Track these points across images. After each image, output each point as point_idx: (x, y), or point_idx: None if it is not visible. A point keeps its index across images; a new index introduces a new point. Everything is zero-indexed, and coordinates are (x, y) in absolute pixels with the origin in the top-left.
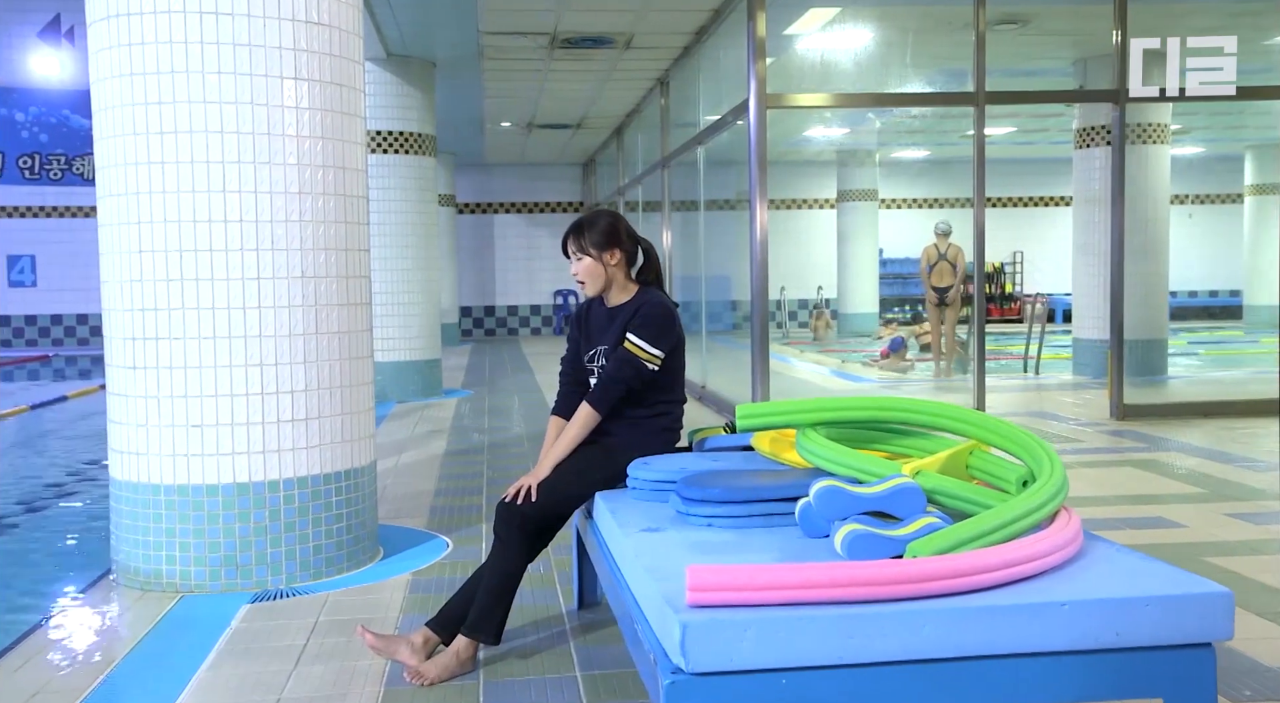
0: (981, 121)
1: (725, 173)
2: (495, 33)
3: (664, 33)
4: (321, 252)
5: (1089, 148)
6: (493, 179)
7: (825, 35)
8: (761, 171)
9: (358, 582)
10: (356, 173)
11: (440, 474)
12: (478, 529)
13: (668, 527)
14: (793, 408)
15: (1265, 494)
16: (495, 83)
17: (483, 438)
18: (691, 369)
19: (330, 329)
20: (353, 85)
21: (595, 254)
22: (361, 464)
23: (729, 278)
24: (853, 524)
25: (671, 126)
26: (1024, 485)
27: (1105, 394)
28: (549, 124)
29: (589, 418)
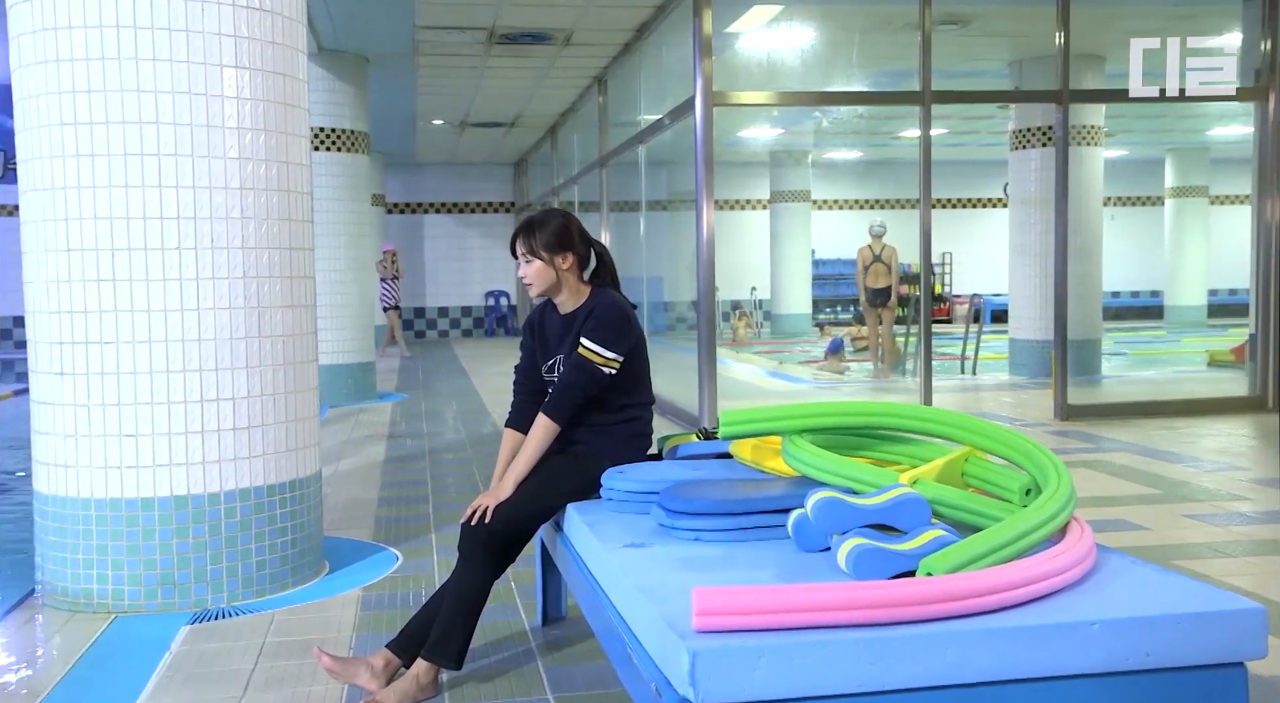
0: (928, 121)
1: (665, 173)
2: (431, 27)
3: (605, 29)
4: (264, 250)
5: (1025, 149)
6: (423, 178)
7: (766, 34)
8: (708, 171)
9: (304, 599)
10: (300, 167)
11: (382, 482)
12: (427, 540)
13: (652, 541)
14: (779, 414)
15: (1218, 494)
16: (429, 79)
17: (423, 443)
18: None
19: (273, 332)
20: (295, 75)
21: (546, 257)
22: (306, 474)
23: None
24: (857, 538)
25: (610, 126)
26: (1027, 494)
27: (1046, 394)
28: (483, 122)
29: (547, 429)
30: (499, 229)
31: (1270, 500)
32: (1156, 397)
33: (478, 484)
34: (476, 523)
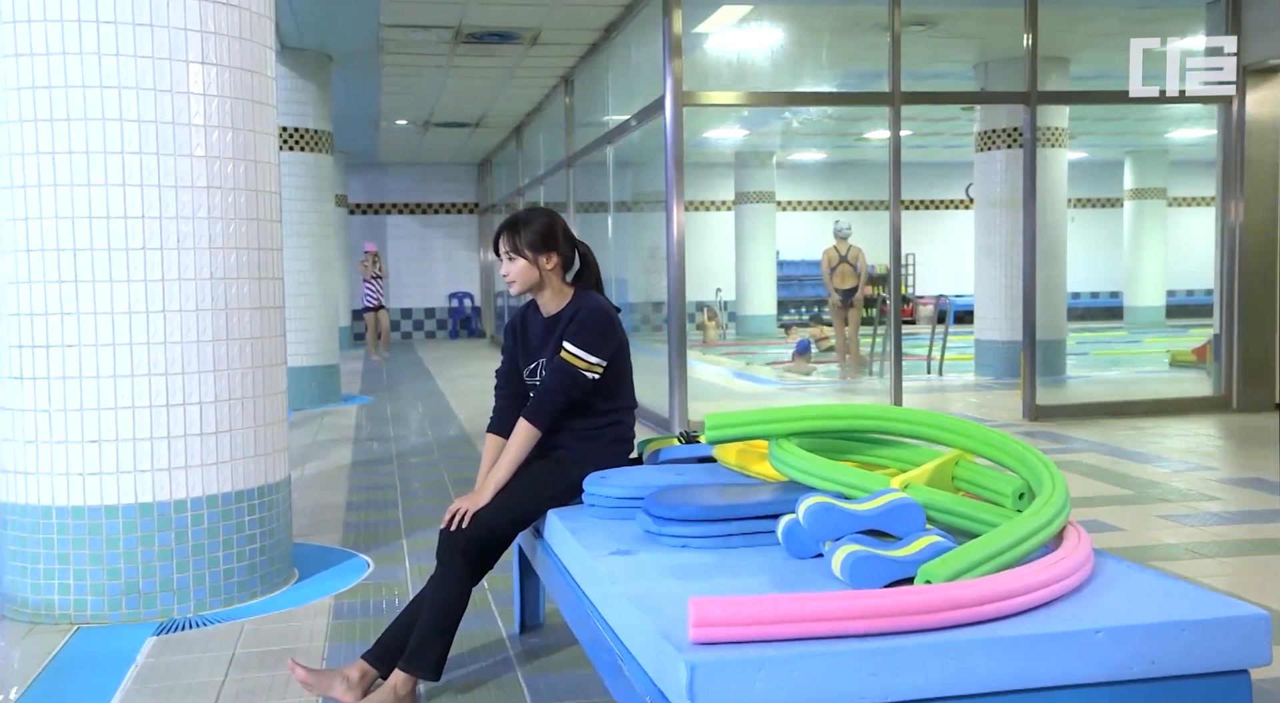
0: (897, 122)
1: (631, 173)
2: (396, 25)
3: (573, 28)
4: (232, 251)
5: (990, 151)
6: (386, 179)
7: (733, 34)
8: (678, 171)
9: (274, 608)
10: (269, 166)
11: (350, 486)
12: (398, 546)
13: (638, 548)
14: (766, 417)
15: (1189, 494)
16: (393, 78)
17: (390, 447)
18: None
19: (242, 335)
20: (263, 72)
21: (530, 256)
22: (276, 480)
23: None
24: (852, 545)
25: (576, 126)
26: (1020, 498)
27: (1013, 395)
28: (447, 122)
29: (528, 435)
30: (463, 230)
31: (1241, 500)
32: (1123, 397)
33: (447, 488)
34: (455, 529)
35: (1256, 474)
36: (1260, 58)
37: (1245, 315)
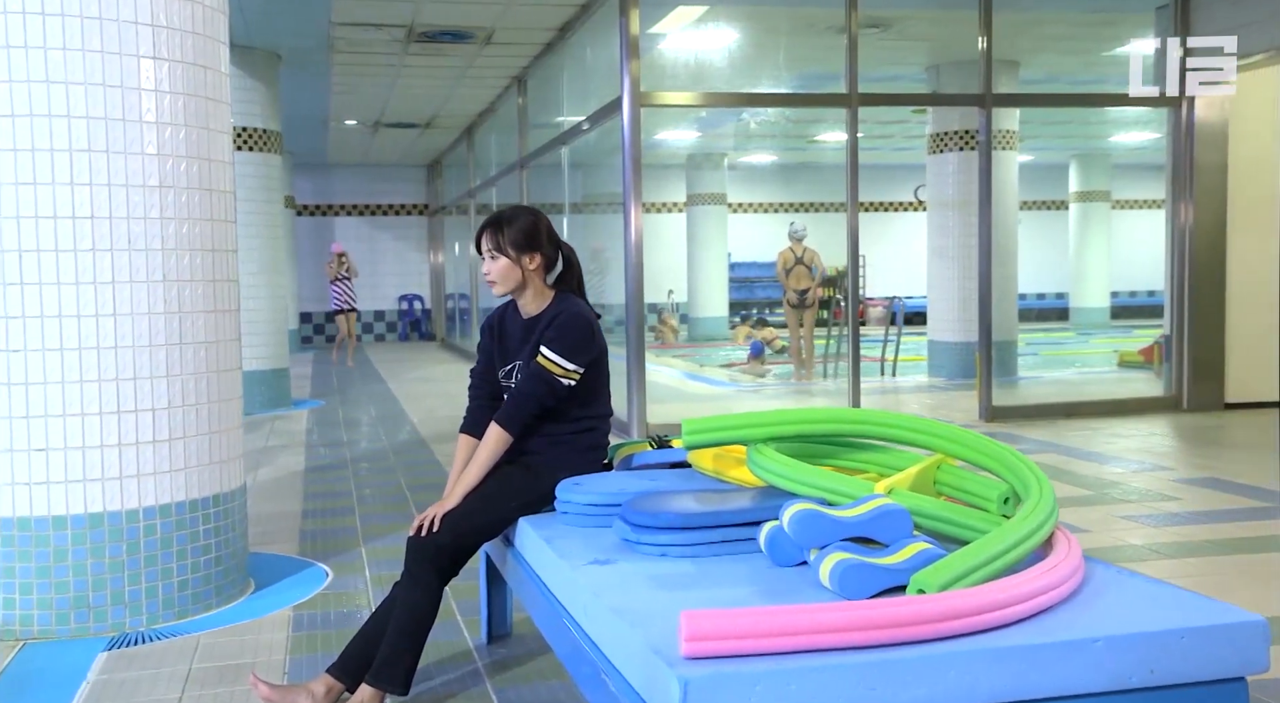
0: (854, 123)
1: (584, 174)
2: (348, 23)
3: (527, 28)
4: (185, 252)
5: (942, 153)
6: (333, 180)
7: (688, 35)
8: (635, 172)
9: (231, 620)
10: (223, 165)
11: (305, 493)
12: (356, 554)
13: (617, 557)
14: (744, 422)
15: (1149, 495)
16: (343, 78)
17: (343, 452)
18: None
19: (196, 339)
20: (217, 68)
21: (513, 255)
22: (231, 488)
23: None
24: (840, 553)
25: (530, 127)
26: (1005, 503)
27: (968, 396)
28: (397, 123)
29: (500, 440)
30: (412, 232)
31: (1199, 500)
32: (1077, 398)
33: (404, 494)
34: (426, 535)
35: (1212, 474)
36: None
37: (1195, 316)
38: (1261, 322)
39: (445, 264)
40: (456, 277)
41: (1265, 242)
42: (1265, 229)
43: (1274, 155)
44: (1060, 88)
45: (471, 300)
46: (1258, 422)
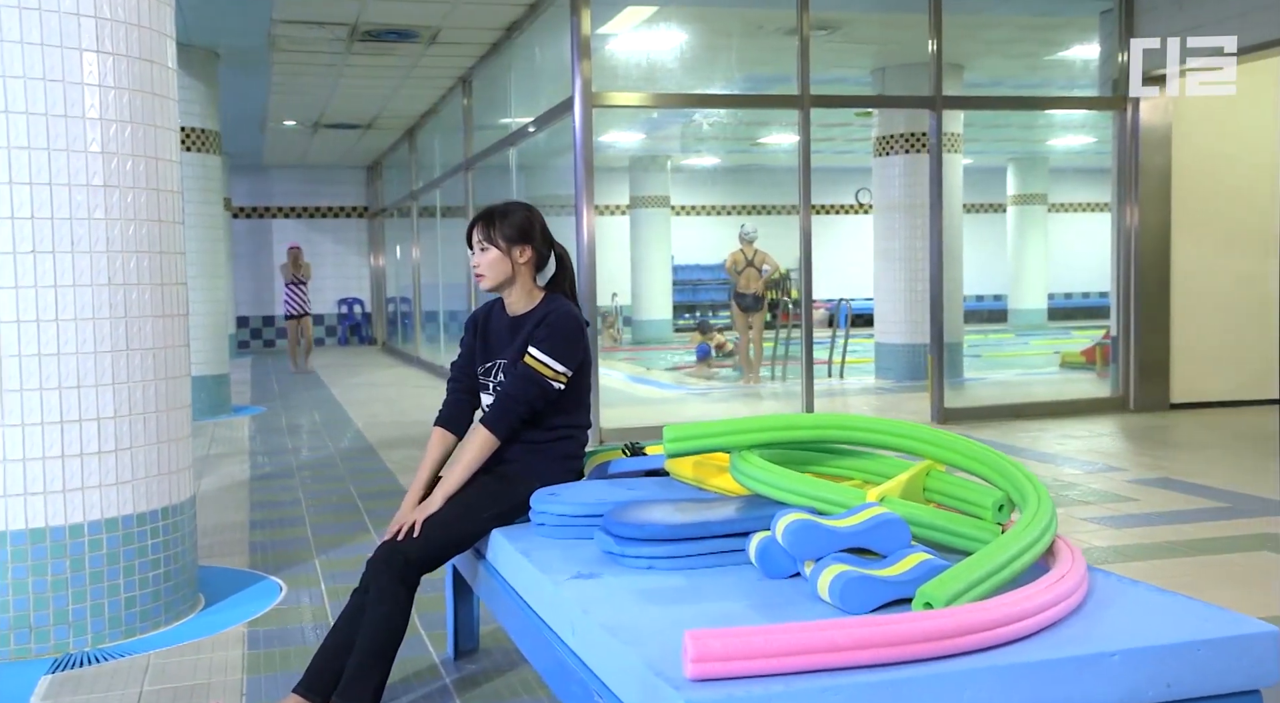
0: (807, 125)
1: (526, 176)
2: (290, 21)
3: (474, 27)
4: (131, 255)
5: (888, 156)
6: (271, 182)
7: (636, 37)
8: (588, 174)
9: (182, 638)
10: (170, 164)
11: (251, 502)
12: (310, 567)
13: (601, 571)
14: (727, 429)
15: (1107, 496)
16: (284, 77)
17: (289, 459)
18: None
19: (143, 345)
20: (164, 62)
21: (504, 247)
22: (180, 500)
23: None
24: (839, 565)
25: (476, 128)
26: (1000, 510)
27: (917, 398)
28: (337, 124)
29: (486, 443)
30: (352, 234)
31: (1156, 501)
32: (1025, 399)
33: (356, 503)
34: (404, 539)
35: (1164, 474)
36: (1152, 66)
37: (1141, 318)
38: (1205, 323)
39: (386, 267)
40: (398, 280)
41: (1209, 243)
42: (1209, 231)
43: (1216, 157)
44: (1003, 91)
45: (414, 304)
46: (1203, 421)
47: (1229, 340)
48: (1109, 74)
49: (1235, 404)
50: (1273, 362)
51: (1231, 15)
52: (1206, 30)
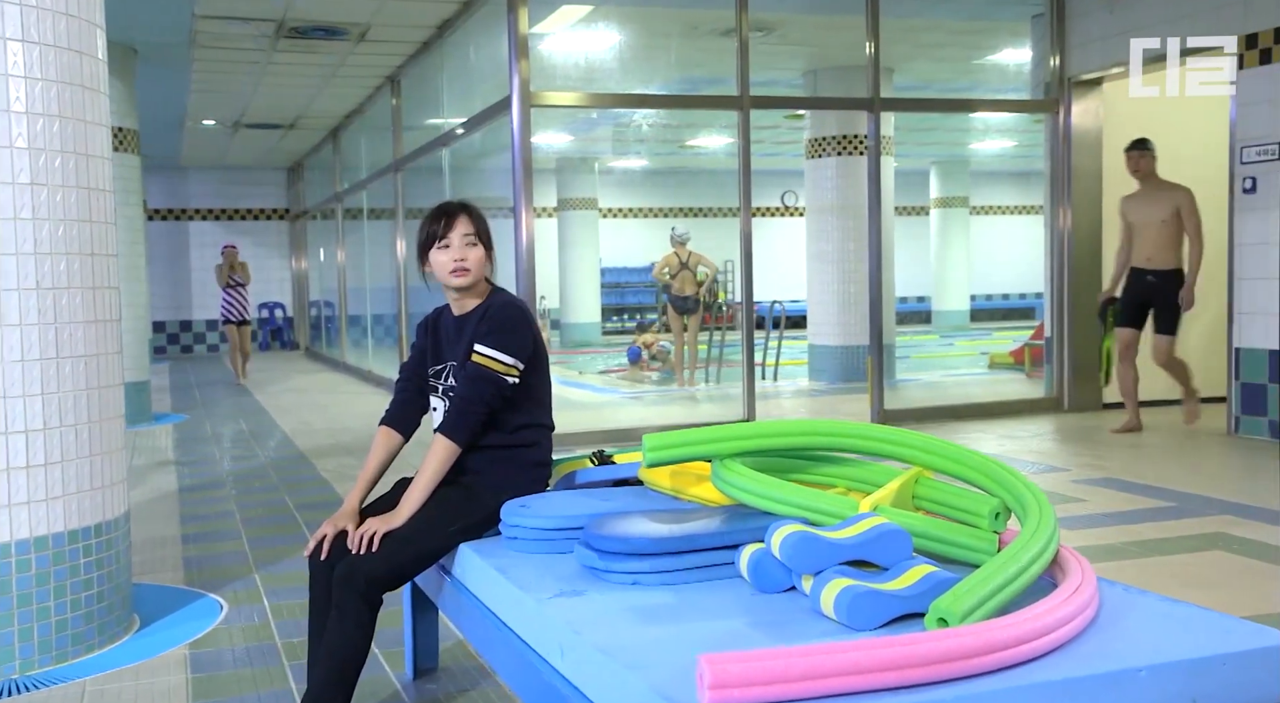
0: (747, 126)
1: (467, 177)
2: (213, 17)
3: (405, 25)
4: (61, 257)
5: (820, 158)
6: (188, 183)
7: (569, 36)
8: (526, 175)
9: (119, 663)
10: (101, 161)
11: (182, 515)
12: (250, 582)
13: (584, 588)
14: (710, 437)
15: (1055, 497)
16: (204, 75)
17: (219, 469)
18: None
19: (74, 352)
20: (93, 54)
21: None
22: (114, 516)
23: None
24: (843, 580)
25: (405, 128)
26: (996, 517)
27: (853, 399)
28: (259, 123)
29: (447, 452)
30: (271, 237)
31: (1103, 501)
32: (962, 400)
33: (293, 514)
34: (365, 551)
35: (1106, 474)
36: (1083, 70)
37: (1074, 319)
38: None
39: (309, 270)
40: (322, 283)
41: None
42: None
43: None
44: (931, 94)
45: (339, 308)
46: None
47: None
48: (1041, 78)
49: (1165, 403)
50: (1200, 361)
51: (1160, 21)
52: (1133, 36)
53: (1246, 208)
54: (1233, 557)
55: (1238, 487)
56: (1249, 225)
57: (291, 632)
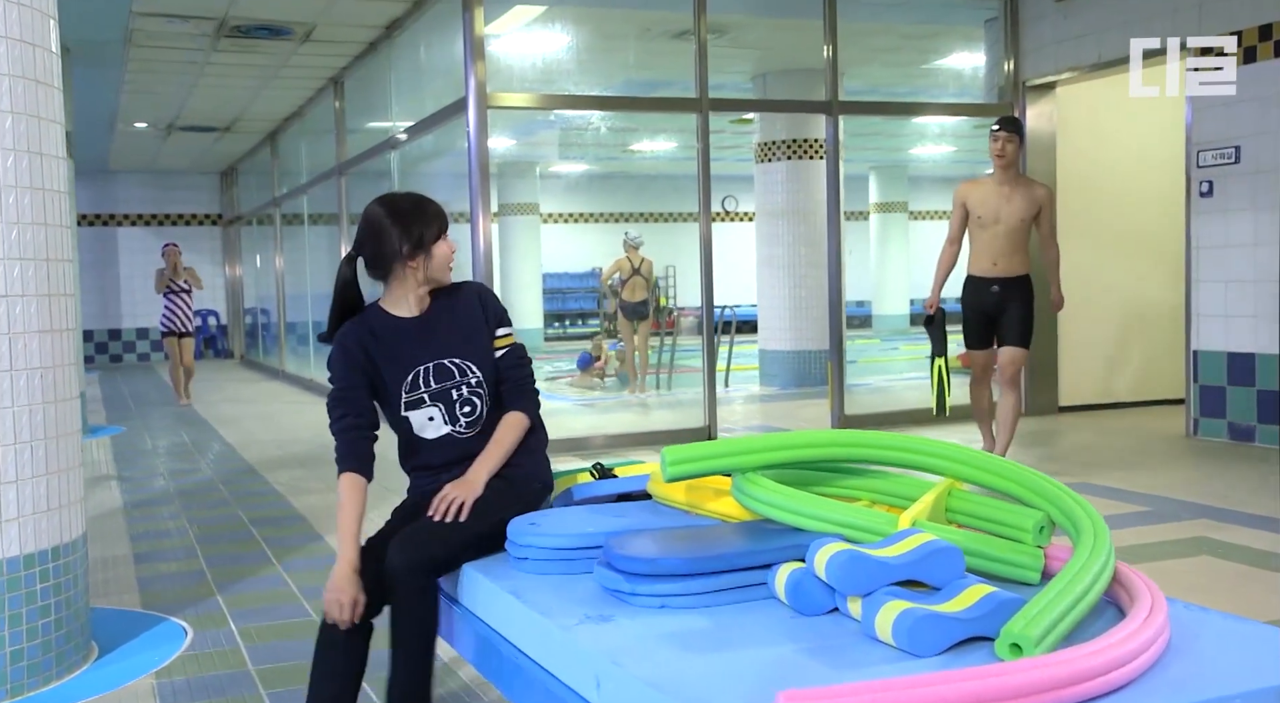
0: (706, 129)
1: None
2: (151, 14)
3: (353, 24)
4: (15, 262)
5: (770, 162)
6: (116, 188)
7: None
8: (483, 178)
9: (80, 694)
10: (56, 160)
11: (131, 534)
12: (214, 604)
13: (611, 612)
14: (733, 449)
15: None
16: (139, 75)
17: (165, 484)
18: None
19: (29, 364)
20: (47, 46)
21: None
22: (72, 538)
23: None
24: (900, 602)
25: (349, 131)
26: (1040, 532)
27: (808, 404)
28: (193, 126)
29: (524, 426)
30: (205, 243)
31: None
32: (921, 404)
33: (249, 530)
34: (452, 520)
35: (1073, 478)
36: (1037, 74)
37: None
38: (1090, 329)
39: (244, 277)
40: (258, 290)
41: (1090, 248)
42: (1090, 236)
43: (1098, 164)
44: (878, 98)
45: (278, 315)
46: (1095, 424)
47: (1112, 344)
48: (994, 82)
49: (1120, 406)
50: (1154, 364)
51: (1113, 26)
52: (1086, 41)
53: (1203, 211)
54: (1222, 562)
55: (1207, 489)
56: (1206, 228)
57: (264, 657)
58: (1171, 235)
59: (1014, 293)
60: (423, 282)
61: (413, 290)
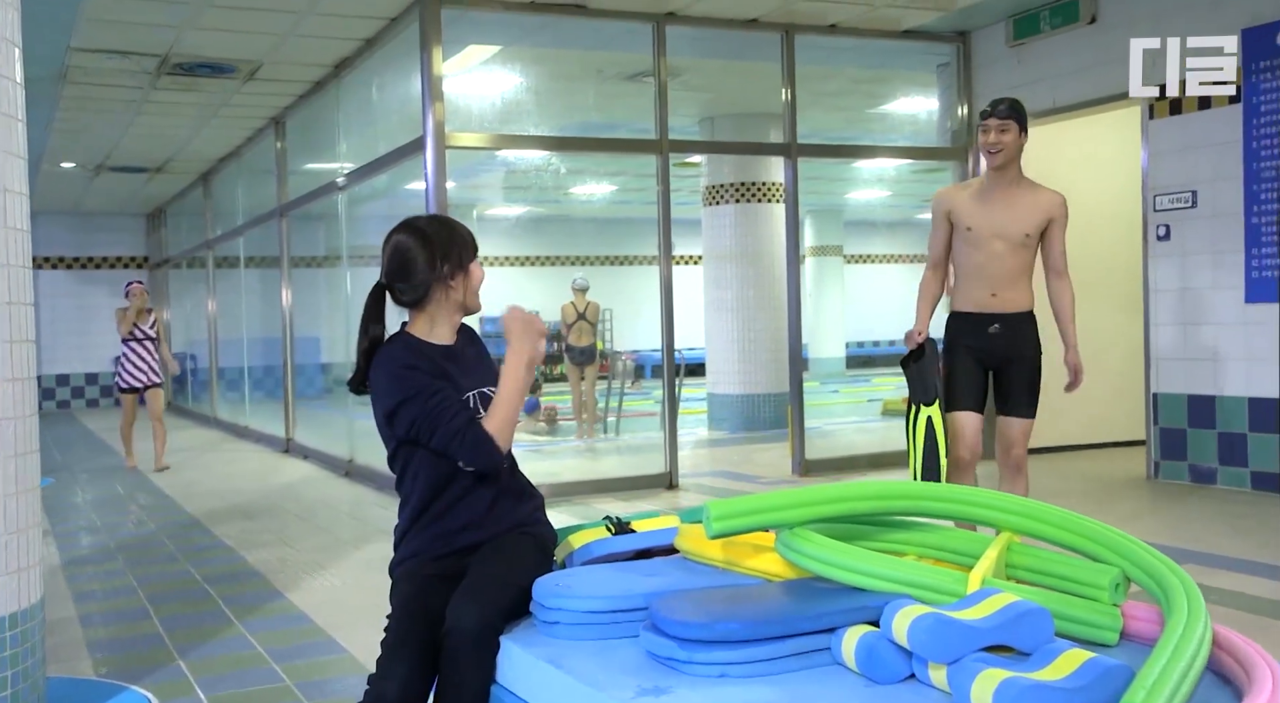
0: (666, 171)
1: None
2: (90, 50)
3: (301, 63)
4: None
5: (718, 205)
6: (36, 229)
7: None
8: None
9: None
10: (18, 196)
11: (74, 593)
12: (175, 670)
13: (667, 683)
14: (781, 503)
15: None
16: (71, 113)
17: (104, 539)
18: (337, 444)
19: None
20: (10, 75)
21: None
22: (29, 604)
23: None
24: (997, 670)
25: (290, 172)
26: (1116, 589)
27: (764, 449)
28: (124, 167)
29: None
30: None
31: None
32: (881, 448)
33: (204, 587)
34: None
35: None
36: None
37: None
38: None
39: (173, 321)
40: (188, 335)
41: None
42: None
43: None
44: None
45: (210, 361)
46: (1050, 467)
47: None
48: (947, 125)
49: (1073, 448)
50: (1108, 406)
51: (1066, 72)
52: (1037, 87)
53: (1161, 254)
54: (1224, 610)
55: (1183, 533)
56: (1163, 272)
57: None
58: (1126, 278)
59: (1021, 336)
60: (460, 305)
61: (450, 315)
